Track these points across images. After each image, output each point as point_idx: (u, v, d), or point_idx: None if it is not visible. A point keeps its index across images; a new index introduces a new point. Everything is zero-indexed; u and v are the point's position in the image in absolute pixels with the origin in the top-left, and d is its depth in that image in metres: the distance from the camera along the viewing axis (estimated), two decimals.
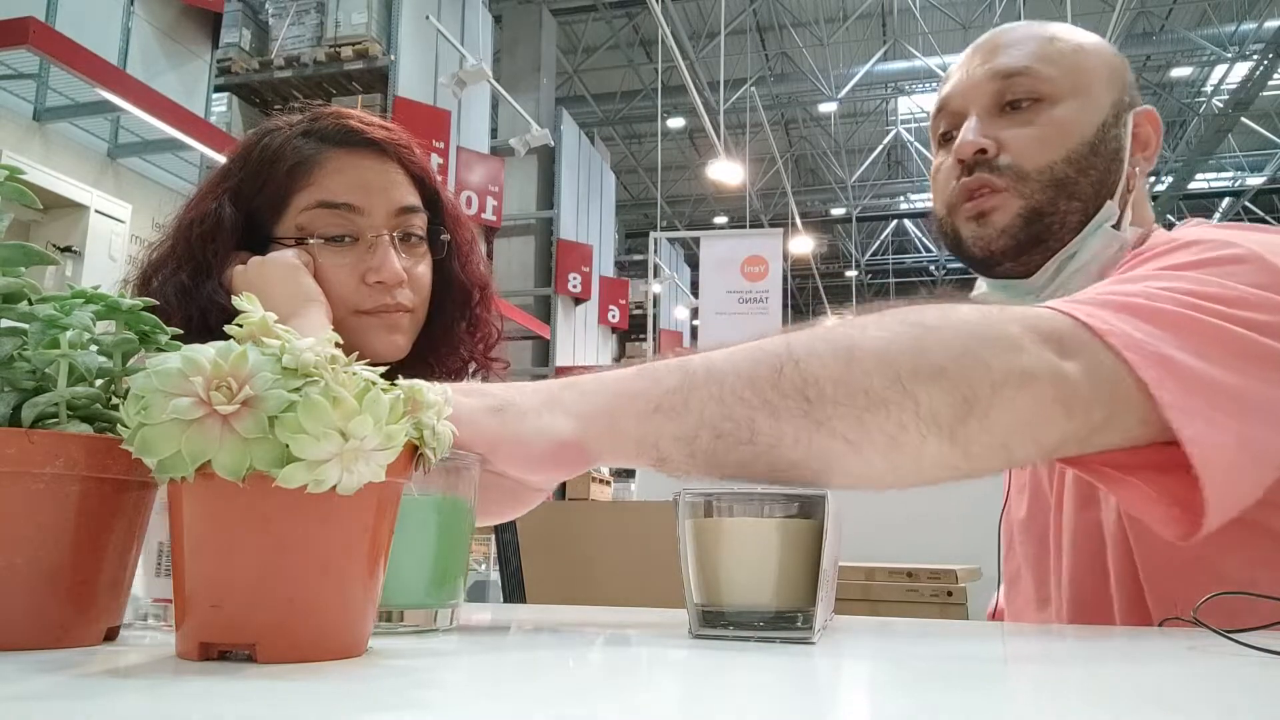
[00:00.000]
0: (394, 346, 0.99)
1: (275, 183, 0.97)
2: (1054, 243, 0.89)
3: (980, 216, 0.90)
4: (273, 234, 0.97)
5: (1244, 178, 15.26)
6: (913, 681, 0.43)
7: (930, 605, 2.36)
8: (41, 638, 0.45)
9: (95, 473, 0.46)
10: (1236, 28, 11.45)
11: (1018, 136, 0.89)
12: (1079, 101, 0.90)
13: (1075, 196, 0.88)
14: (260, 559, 0.41)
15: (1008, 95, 0.90)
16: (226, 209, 0.97)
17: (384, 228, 0.98)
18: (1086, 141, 0.89)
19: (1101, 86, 0.91)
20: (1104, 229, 0.88)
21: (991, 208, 0.89)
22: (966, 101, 0.93)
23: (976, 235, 0.91)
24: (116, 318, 0.52)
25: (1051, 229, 0.89)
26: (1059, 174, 0.88)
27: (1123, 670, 0.48)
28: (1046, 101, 0.89)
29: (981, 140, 0.89)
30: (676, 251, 13.42)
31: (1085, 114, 0.89)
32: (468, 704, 0.35)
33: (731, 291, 5.81)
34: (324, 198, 0.97)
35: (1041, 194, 0.88)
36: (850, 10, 12.29)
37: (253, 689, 0.36)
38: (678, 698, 0.38)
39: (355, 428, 0.40)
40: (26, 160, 3.61)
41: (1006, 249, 0.89)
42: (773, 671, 0.43)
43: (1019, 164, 0.89)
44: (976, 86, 0.92)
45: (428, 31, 6.22)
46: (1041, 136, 0.89)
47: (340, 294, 0.96)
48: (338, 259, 0.96)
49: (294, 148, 0.98)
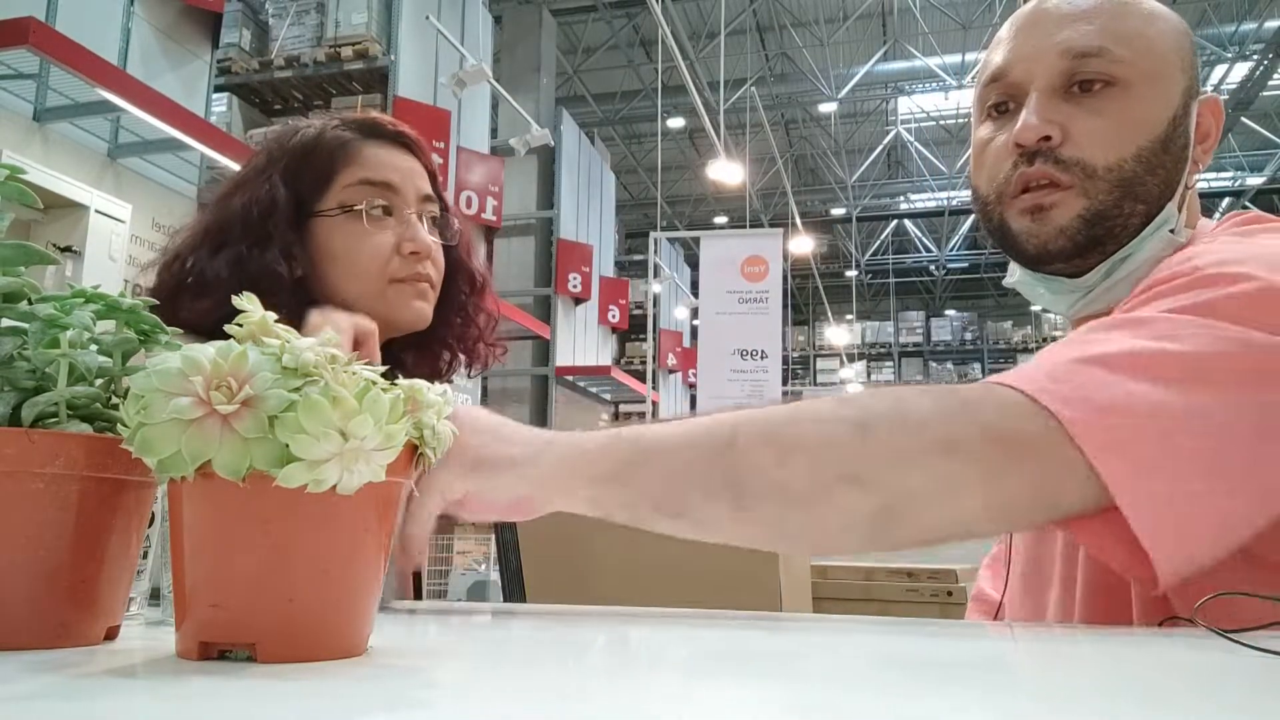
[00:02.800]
0: (422, 314, 1.08)
1: (319, 163, 1.07)
2: (1112, 245, 0.82)
3: (1038, 211, 0.82)
4: (315, 209, 1.06)
5: (1244, 178, 15.26)
6: (911, 682, 0.43)
7: (930, 605, 2.36)
8: (41, 637, 0.45)
9: (95, 472, 0.46)
10: (1236, 28, 11.45)
11: (1088, 127, 0.80)
12: (1153, 91, 0.81)
13: (1141, 199, 0.81)
14: (260, 558, 0.41)
15: (1078, 76, 0.81)
16: (280, 188, 1.06)
17: (415, 208, 1.09)
18: (1159, 137, 0.80)
19: (1175, 71, 0.82)
20: (1161, 232, 0.82)
21: (1051, 204, 0.81)
22: (1029, 75, 0.83)
23: (1031, 232, 0.83)
24: (116, 317, 0.52)
25: (1113, 232, 0.81)
26: (1128, 173, 0.80)
27: (1122, 670, 0.48)
28: (1119, 86, 0.80)
29: (1047, 127, 0.80)
30: (676, 251, 13.41)
31: (1159, 105, 0.81)
32: (468, 704, 0.35)
33: (731, 291, 5.81)
34: (367, 175, 1.07)
35: (1108, 195, 0.80)
36: (850, 10, 12.29)
37: (253, 689, 0.36)
38: (676, 695, 0.38)
39: (355, 427, 0.40)
40: (26, 160, 3.61)
41: (1064, 250, 0.82)
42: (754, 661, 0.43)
43: (1087, 159, 0.80)
44: (1042, 59, 0.82)
45: (428, 31, 6.21)
46: (1114, 130, 0.80)
47: (379, 263, 1.05)
48: (376, 229, 1.06)
49: (334, 135, 1.08)
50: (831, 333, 19.20)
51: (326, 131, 1.09)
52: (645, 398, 8.04)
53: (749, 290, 5.81)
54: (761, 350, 5.71)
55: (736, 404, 0.66)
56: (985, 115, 0.88)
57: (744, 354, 5.70)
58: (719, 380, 5.69)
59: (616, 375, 9.53)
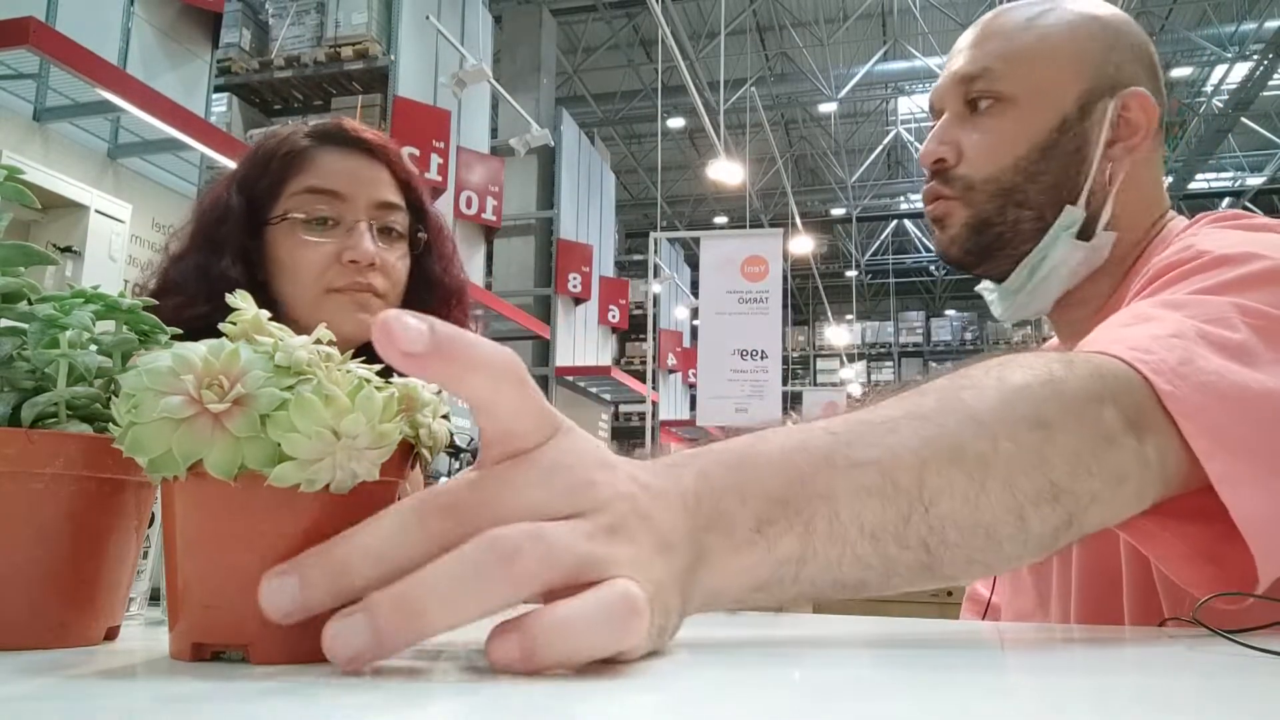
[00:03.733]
0: (363, 326, 1.04)
1: (273, 171, 1.07)
2: (1012, 249, 0.88)
3: (935, 222, 0.91)
4: (266, 217, 1.06)
5: (1244, 178, 15.27)
6: (911, 681, 0.43)
7: (930, 605, 2.36)
8: (41, 637, 0.45)
9: (95, 472, 0.46)
10: (1236, 28, 11.45)
11: (973, 144, 0.88)
12: (1036, 101, 0.87)
13: (1025, 205, 0.87)
14: (253, 559, 0.40)
15: (969, 96, 0.89)
16: (234, 196, 1.06)
17: (364, 216, 1.06)
18: (1037, 145, 0.86)
19: (1066, 77, 0.86)
20: (1064, 239, 0.86)
21: (944, 214, 0.90)
22: (941, 102, 0.93)
23: (937, 241, 0.92)
24: (116, 318, 0.52)
25: (1004, 237, 0.88)
26: (1006, 183, 0.87)
27: (1122, 670, 0.48)
28: (1003, 102, 0.87)
29: (940, 149, 0.89)
30: (676, 251, 13.41)
31: (1037, 115, 0.86)
32: (468, 704, 0.35)
33: (731, 291, 5.80)
34: (312, 183, 1.06)
35: (989, 203, 0.87)
36: (850, 10, 12.29)
37: (247, 690, 0.36)
38: (672, 704, 0.38)
39: (348, 426, 0.40)
40: (26, 160, 3.61)
41: (962, 256, 0.90)
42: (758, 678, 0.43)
43: (968, 174, 0.88)
44: (945, 87, 0.92)
45: (428, 31, 6.21)
46: (992, 144, 0.87)
47: (314, 271, 1.03)
48: (317, 237, 1.04)
49: (292, 143, 1.08)
50: (831, 333, 19.20)
51: (287, 139, 1.08)
52: (645, 398, 8.03)
53: (749, 290, 5.81)
54: (761, 350, 5.71)
55: (831, 404, 0.56)
56: None
57: (744, 354, 5.70)
58: (719, 380, 5.69)
59: (616, 375, 9.53)
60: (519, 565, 0.36)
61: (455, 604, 0.36)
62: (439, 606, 0.36)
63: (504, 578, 0.36)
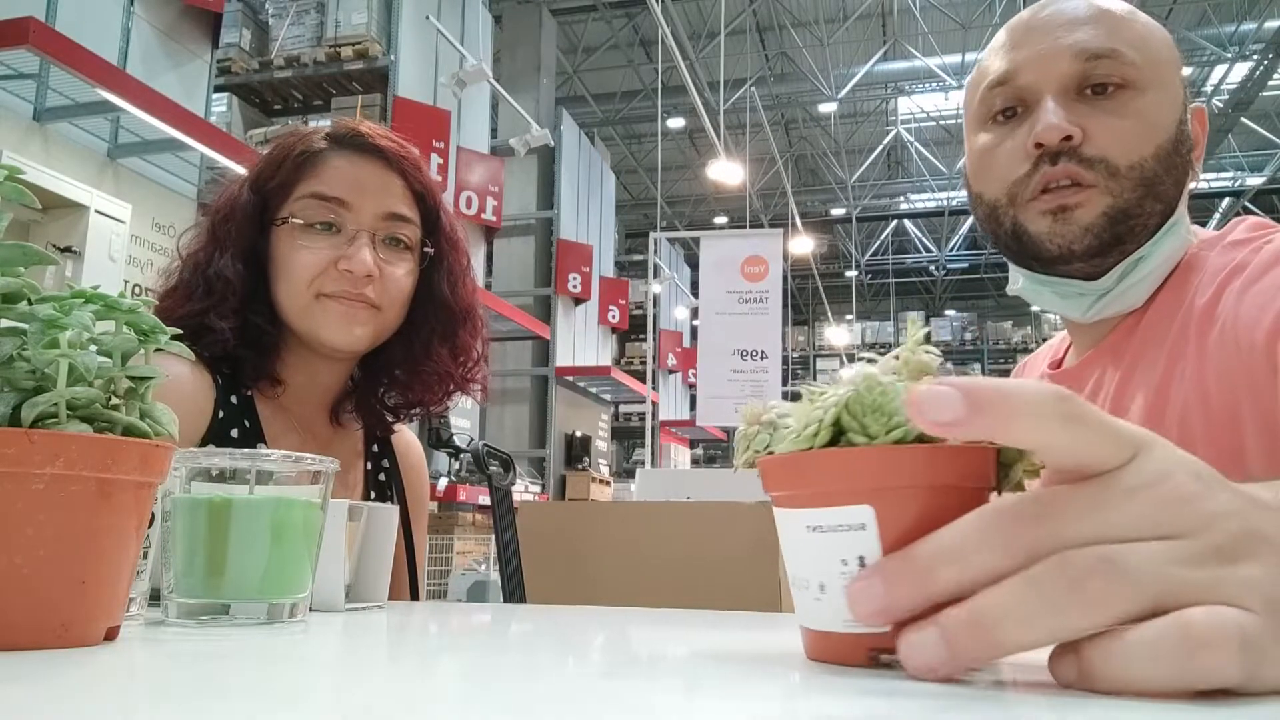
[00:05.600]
0: (350, 336, 1.03)
1: (285, 172, 1.06)
2: (1131, 245, 0.82)
3: (1061, 211, 0.81)
4: (272, 218, 1.06)
5: (1244, 178, 15.26)
6: (909, 681, 0.43)
7: None
8: (42, 637, 0.45)
9: (95, 472, 0.46)
10: (1236, 28, 11.45)
11: (1108, 127, 0.81)
12: (1162, 94, 0.82)
13: (1160, 197, 0.81)
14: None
15: (1092, 79, 0.81)
16: (246, 193, 1.06)
17: (368, 227, 1.04)
18: (1171, 138, 0.82)
19: (1175, 77, 0.84)
20: (1175, 232, 0.83)
21: (1076, 203, 0.81)
22: (1041, 79, 0.83)
23: (1054, 232, 0.82)
24: (116, 318, 0.52)
25: (1134, 231, 0.81)
26: (1149, 172, 0.81)
27: None
28: (1132, 89, 0.81)
29: (1069, 126, 0.80)
30: (676, 251, 13.41)
31: (1168, 107, 0.82)
32: (468, 705, 0.35)
33: (731, 291, 5.80)
34: (318, 189, 1.04)
35: (1131, 193, 0.81)
36: (850, 10, 12.29)
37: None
38: (678, 701, 0.38)
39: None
40: (26, 160, 3.61)
41: (1088, 249, 0.81)
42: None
43: (1110, 158, 0.80)
44: (1054, 63, 0.82)
45: (428, 31, 6.21)
46: (1133, 130, 0.81)
47: (307, 274, 1.02)
48: (315, 242, 1.03)
49: (308, 144, 1.07)
50: (831, 333, 19.21)
51: (304, 138, 1.07)
52: (645, 398, 8.03)
53: (749, 290, 5.81)
54: (761, 350, 5.71)
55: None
56: (989, 120, 0.87)
57: (744, 354, 5.70)
58: (719, 380, 5.69)
59: (616, 375, 9.53)
60: (1089, 591, 0.35)
61: (1026, 626, 0.36)
62: (1012, 627, 0.36)
63: (1072, 603, 0.35)
